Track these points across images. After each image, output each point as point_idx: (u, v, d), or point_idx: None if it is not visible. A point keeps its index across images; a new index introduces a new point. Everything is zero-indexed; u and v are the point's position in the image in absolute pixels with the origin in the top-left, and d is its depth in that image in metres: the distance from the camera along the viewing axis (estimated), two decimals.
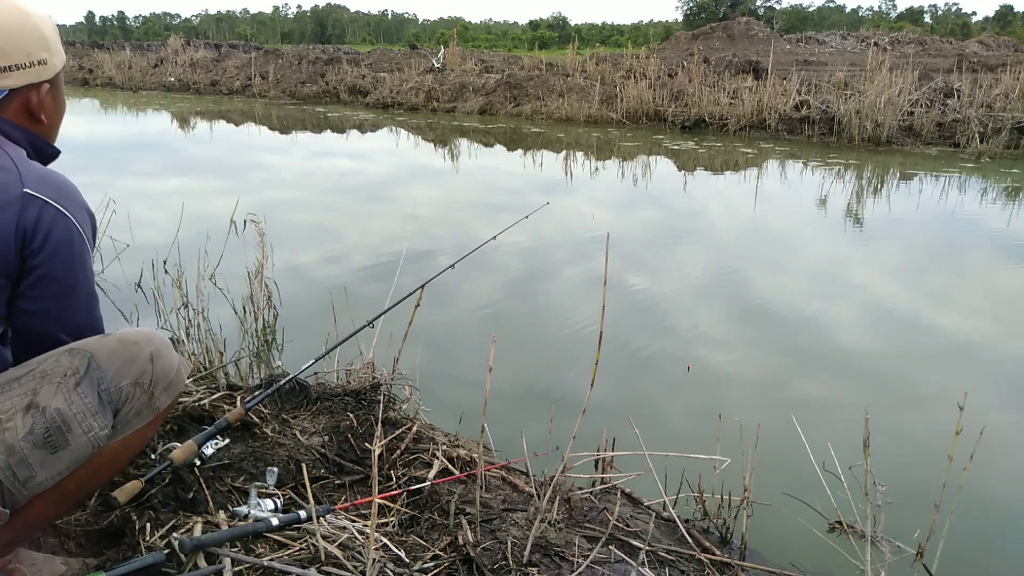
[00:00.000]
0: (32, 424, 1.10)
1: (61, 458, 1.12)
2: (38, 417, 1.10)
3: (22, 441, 1.09)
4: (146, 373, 1.21)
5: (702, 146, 9.55)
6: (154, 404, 1.24)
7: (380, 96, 14.62)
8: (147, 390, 1.22)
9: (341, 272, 4.13)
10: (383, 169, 7.95)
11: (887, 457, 2.16)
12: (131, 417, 1.21)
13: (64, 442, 1.12)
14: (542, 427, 1.82)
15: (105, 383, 1.17)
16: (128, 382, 1.20)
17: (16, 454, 1.08)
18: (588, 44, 45.31)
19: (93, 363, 1.16)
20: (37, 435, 1.10)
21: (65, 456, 1.12)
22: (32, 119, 1.20)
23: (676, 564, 1.63)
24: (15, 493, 1.10)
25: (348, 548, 1.48)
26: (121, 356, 1.20)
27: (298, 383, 2.14)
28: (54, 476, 1.12)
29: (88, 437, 1.14)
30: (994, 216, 5.93)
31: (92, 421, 1.14)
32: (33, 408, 1.11)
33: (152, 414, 1.25)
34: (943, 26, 66.62)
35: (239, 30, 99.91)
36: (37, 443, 1.10)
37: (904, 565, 1.73)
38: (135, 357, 1.21)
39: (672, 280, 4.21)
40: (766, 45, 17.67)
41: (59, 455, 1.12)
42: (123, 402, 1.19)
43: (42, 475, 1.11)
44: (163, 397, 1.25)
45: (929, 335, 3.45)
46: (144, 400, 1.22)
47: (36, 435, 1.10)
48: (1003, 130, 9.01)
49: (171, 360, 1.27)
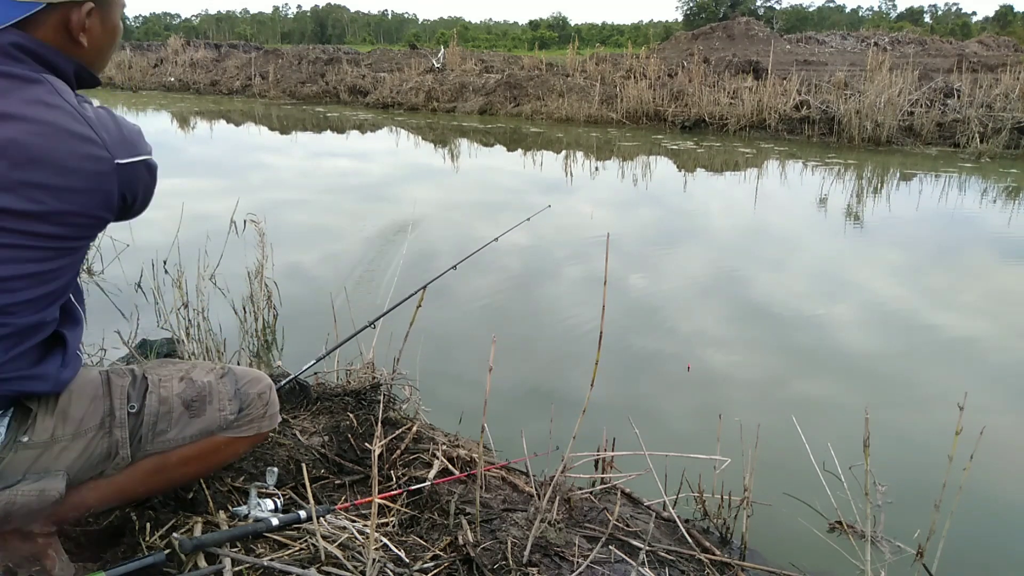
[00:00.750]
0: (184, 387, 1.31)
1: (194, 424, 1.29)
2: (190, 385, 1.32)
3: (175, 396, 1.29)
4: (266, 394, 1.41)
5: (702, 146, 9.56)
6: (262, 423, 1.40)
7: (380, 96, 14.62)
8: (264, 406, 1.40)
9: (341, 272, 4.13)
10: (383, 169, 7.95)
11: (887, 457, 2.15)
12: (245, 421, 1.37)
13: (202, 410, 1.31)
14: (542, 427, 1.82)
15: (239, 384, 1.38)
16: (255, 392, 1.39)
17: (167, 404, 1.27)
18: (588, 44, 45.32)
19: (232, 371, 1.39)
20: (188, 396, 1.30)
21: (197, 423, 1.30)
22: (70, 40, 1.09)
23: (676, 564, 1.63)
24: (144, 444, 1.25)
25: (348, 548, 1.48)
26: (251, 375, 1.41)
27: (298, 383, 2.14)
28: (180, 439, 1.28)
29: (220, 415, 1.33)
30: (994, 216, 5.93)
31: (227, 403, 1.34)
32: (187, 379, 1.33)
33: (255, 430, 1.39)
34: (943, 26, 66.62)
35: (239, 30, 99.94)
36: (185, 403, 1.29)
37: (904, 565, 1.73)
38: (260, 379, 1.42)
39: (672, 280, 4.21)
40: (766, 45, 17.67)
41: (194, 421, 1.29)
42: (246, 404, 1.37)
43: (173, 432, 1.28)
44: (267, 421, 1.41)
45: (929, 335, 3.45)
46: (259, 412, 1.39)
47: (187, 395, 1.30)
48: (1003, 130, 9.01)
49: (277, 399, 1.46)
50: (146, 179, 1.15)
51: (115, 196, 1.09)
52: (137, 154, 1.11)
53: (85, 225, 1.09)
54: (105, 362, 2.41)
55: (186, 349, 2.58)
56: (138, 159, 1.12)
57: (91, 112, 1.07)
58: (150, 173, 1.16)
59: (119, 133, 1.10)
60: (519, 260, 4.50)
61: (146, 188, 1.16)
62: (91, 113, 1.07)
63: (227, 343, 2.85)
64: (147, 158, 1.14)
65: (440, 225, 5.35)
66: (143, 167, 1.13)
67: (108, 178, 1.07)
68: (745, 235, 5.37)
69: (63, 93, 1.05)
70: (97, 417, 1.20)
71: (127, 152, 1.10)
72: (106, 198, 1.08)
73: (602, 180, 7.38)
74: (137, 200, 1.16)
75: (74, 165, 1.02)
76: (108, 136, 1.07)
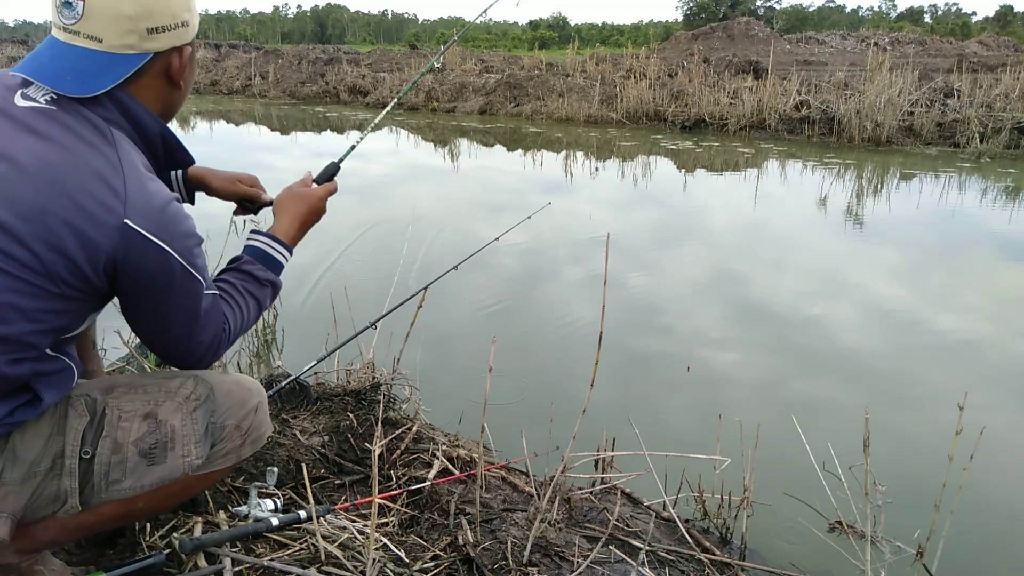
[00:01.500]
0: (144, 432, 1.14)
1: (153, 473, 1.14)
2: (152, 427, 1.14)
3: (131, 444, 1.12)
4: (247, 420, 1.24)
5: (702, 146, 9.56)
6: (240, 451, 1.24)
7: (380, 96, 14.62)
8: (242, 436, 1.23)
9: (341, 272, 4.13)
10: (383, 169, 7.95)
11: (887, 457, 2.16)
12: (219, 456, 1.21)
13: (163, 459, 1.14)
14: (542, 427, 1.82)
15: (215, 417, 1.20)
16: (233, 423, 1.22)
17: (120, 452, 1.12)
18: (588, 44, 45.32)
19: (211, 396, 1.20)
20: (145, 444, 1.13)
21: (156, 472, 1.14)
22: (170, 83, 1.13)
23: (676, 564, 1.63)
24: (96, 492, 1.11)
25: (348, 548, 1.48)
26: (235, 397, 1.23)
27: (298, 383, 2.14)
28: (137, 489, 1.14)
29: (183, 461, 1.16)
30: (994, 216, 5.93)
31: (192, 447, 1.17)
32: (151, 418, 1.15)
33: (234, 459, 1.24)
34: (943, 26, 66.60)
35: (239, 30, 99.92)
36: (142, 452, 1.13)
37: (904, 565, 1.73)
38: (245, 402, 1.24)
39: (672, 280, 4.21)
40: (766, 45, 17.67)
41: (152, 470, 1.14)
42: (220, 439, 1.21)
43: (128, 483, 1.13)
44: (247, 448, 1.26)
45: (929, 335, 3.45)
46: (236, 444, 1.23)
47: (144, 443, 1.13)
48: (1003, 130, 9.01)
49: (266, 416, 1.29)
50: (163, 275, 1.03)
51: (104, 254, 0.98)
52: (161, 239, 1.01)
53: (66, 266, 0.97)
54: (104, 363, 2.40)
55: None
56: (157, 241, 1.01)
57: (136, 175, 1.02)
58: (169, 272, 1.03)
59: (150, 202, 1.01)
60: (519, 260, 4.50)
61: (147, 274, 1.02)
62: (133, 174, 1.02)
63: None
64: (172, 253, 1.02)
65: (440, 225, 5.35)
66: (161, 256, 1.01)
67: (105, 230, 0.97)
68: (745, 235, 5.36)
69: (117, 145, 1.02)
70: (49, 459, 1.07)
71: (149, 226, 1.00)
72: (92, 249, 0.97)
73: (602, 180, 7.38)
74: (133, 280, 1.02)
75: (82, 202, 0.96)
76: (136, 198, 1.00)
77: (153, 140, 1.12)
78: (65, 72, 1.01)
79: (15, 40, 28.18)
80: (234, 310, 1.21)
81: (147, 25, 1.04)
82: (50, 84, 1.01)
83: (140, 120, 1.09)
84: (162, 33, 1.07)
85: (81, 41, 1.02)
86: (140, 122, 1.09)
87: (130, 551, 1.37)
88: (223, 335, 1.18)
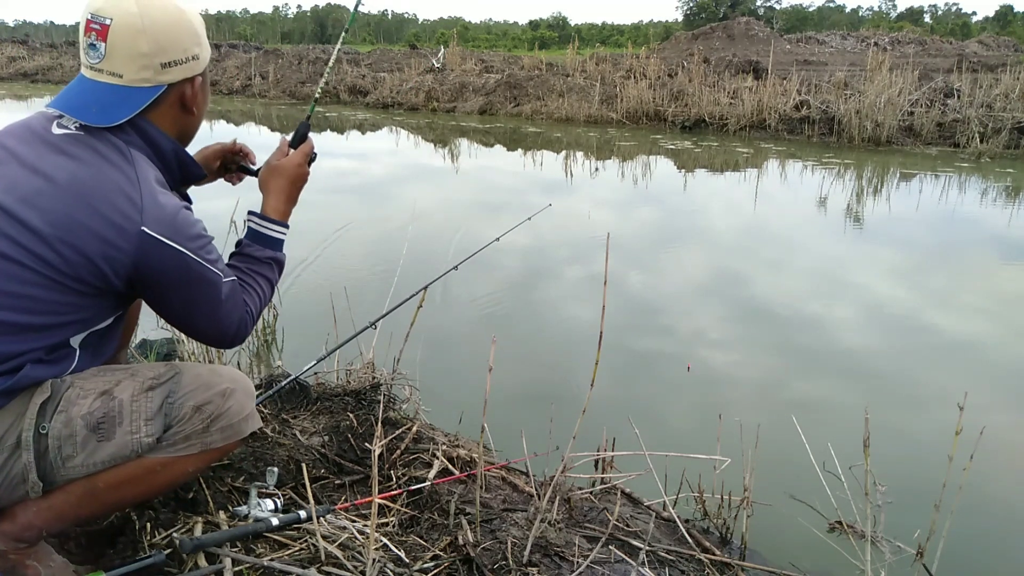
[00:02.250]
0: (94, 408, 1.17)
1: (103, 449, 1.17)
2: (104, 403, 1.18)
3: (79, 418, 1.16)
4: (211, 404, 1.24)
5: (701, 146, 9.56)
6: (206, 438, 1.24)
7: (380, 96, 14.63)
8: (205, 420, 1.23)
9: (341, 272, 4.13)
10: (383, 169, 7.95)
11: (887, 457, 2.15)
12: (178, 439, 1.22)
13: (111, 434, 1.17)
14: (542, 427, 1.82)
15: (172, 397, 1.22)
16: (192, 404, 1.23)
17: (70, 427, 1.15)
18: (588, 44, 45.31)
19: (176, 378, 1.24)
20: (93, 418, 1.16)
21: (107, 448, 1.17)
22: (185, 111, 1.27)
23: (676, 564, 1.63)
24: (54, 469, 1.15)
25: (348, 548, 1.48)
26: (201, 381, 1.25)
27: (298, 383, 2.14)
28: (90, 466, 1.16)
29: (132, 438, 1.18)
30: (994, 216, 5.93)
31: (142, 424, 1.19)
32: (106, 395, 1.19)
33: (199, 447, 1.24)
34: (943, 26, 66.60)
35: (239, 30, 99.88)
36: (89, 425, 1.16)
37: (904, 565, 1.73)
38: (211, 386, 1.25)
39: (672, 280, 4.21)
40: (766, 45, 17.67)
41: (102, 446, 1.17)
42: (177, 420, 1.22)
43: (80, 458, 1.16)
44: (216, 435, 1.25)
45: (929, 335, 3.45)
46: (198, 428, 1.23)
47: (92, 418, 1.16)
48: (1003, 130, 9.01)
49: (242, 406, 1.28)
50: (180, 272, 1.16)
51: (126, 262, 1.12)
52: (175, 241, 1.14)
53: (84, 269, 1.10)
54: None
55: (186, 349, 2.58)
56: (172, 244, 1.14)
57: (151, 188, 1.15)
58: (186, 269, 1.16)
59: (164, 210, 1.14)
60: (519, 260, 4.50)
61: (169, 276, 1.16)
62: (148, 188, 1.14)
63: None
64: (186, 252, 1.15)
65: (440, 225, 5.35)
66: (177, 256, 1.15)
67: (125, 236, 1.10)
68: (745, 235, 5.37)
69: (135, 163, 1.16)
70: (14, 435, 1.12)
71: (163, 231, 1.13)
72: (113, 254, 1.11)
73: (602, 180, 7.39)
74: (156, 282, 1.16)
75: (105, 212, 1.10)
76: (151, 208, 1.13)
77: (168, 158, 1.26)
78: (91, 104, 1.17)
79: (15, 40, 28.19)
80: (249, 291, 1.34)
81: (161, 60, 1.19)
82: (77, 116, 1.16)
83: (157, 142, 1.23)
84: (175, 67, 1.21)
85: (105, 77, 1.18)
86: (157, 144, 1.24)
87: (131, 550, 1.37)
88: (247, 314, 1.31)
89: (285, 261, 1.46)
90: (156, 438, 1.19)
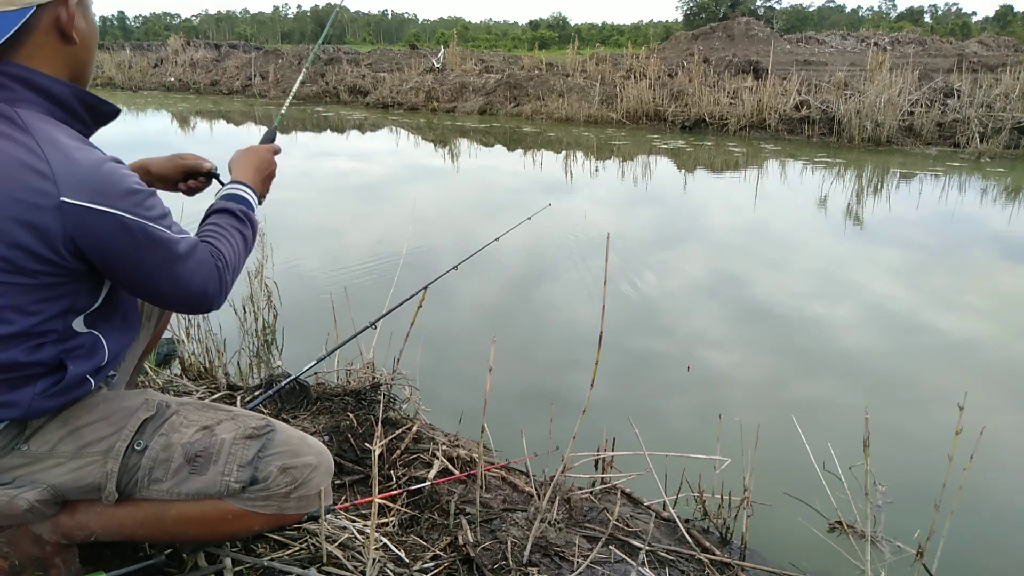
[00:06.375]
0: (195, 439, 1.18)
1: (192, 481, 1.16)
2: (205, 437, 1.18)
3: (180, 446, 1.16)
4: (296, 471, 1.21)
5: (702, 146, 9.56)
6: (284, 504, 1.21)
7: (380, 96, 14.62)
8: (289, 485, 1.20)
9: (341, 272, 4.13)
10: (383, 169, 7.95)
11: (887, 457, 2.16)
12: (260, 496, 1.19)
13: (205, 469, 1.17)
14: (542, 427, 1.82)
15: (264, 452, 1.20)
16: (279, 464, 1.20)
17: (168, 451, 1.16)
18: (588, 44, 45.33)
19: (271, 435, 1.22)
20: (192, 449, 1.17)
21: (196, 482, 1.17)
22: (64, 39, 1.06)
23: (676, 564, 1.63)
24: (136, 486, 1.16)
25: (348, 548, 1.48)
26: (291, 445, 1.23)
27: (298, 383, 2.14)
28: (173, 494, 1.16)
29: (222, 479, 1.17)
30: (994, 216, 5.93)
31: (235, 468, 1.18)
32: (207, 431, 1.20)
33: (275, 510, 1.21)
34: (943, 26, 66.62)
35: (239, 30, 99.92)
36: (188, 456, 1.16)
37: (904, 565, 1.73)
38: (299, 454, 1.23)
39: (672, 280, 4.21)
40: (766, 45, 17.67)
41: (193, 479, 1.16)
42: (263, 478, 1.19)
43: (167, 484, 1.16)
44: (293, 503, 1.22)
45: (929, 335, 3.45)
46: (281, 491, 1.20)
47: (192, 449, 1.17)
48: (1003, 130, 9.01)
49: (320, 483, 1.25)
50: (120, 237, 1.02)
51: (57, 235, 0.98)
52: (104, 204, 1.00)
53: (28, 257, 0.99)
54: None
55: (186, 349, 2.58)
56: (102, 208, 0.99)
57: (58, 150, 0.99)
58: (126, 232, 1.02)
59: (86, 175, 0.99)
60: (519, 260, 4.50)
61: (107, 241, 1.02)
62: (55, 151, 0.99)
63: (227, 343, 2.85)
64: (120, 214, 1.01)
65: (440, 225, 5.35)
66: (111, 220, 1.00)
67: (46, 213, 0.97)
68: (745, 235, 5.36)
69: (30, 127, 0.99)
70: (105, 444, 1.14)
71: (87, 196, 0.99)
72: (44, 234, 0.98)
73: (602, 180, 7.38)
74: (96, 250, 1.02)
75: (17, 195, 0.96)
76: (65, 174, 0.98)
77: (69, 104, 1.07)
78: None
79: None
80: (222, 245, 1.20)
81: None
82: None
83: (48, 89, 1.04)
84: None
85: None
86: (49, 91, 1.04)
87: (131, 551, 1.37)
88: (217, 272, 1.16)
89: (257, 224, 1.35)
90: (243, 486, 1.17)
